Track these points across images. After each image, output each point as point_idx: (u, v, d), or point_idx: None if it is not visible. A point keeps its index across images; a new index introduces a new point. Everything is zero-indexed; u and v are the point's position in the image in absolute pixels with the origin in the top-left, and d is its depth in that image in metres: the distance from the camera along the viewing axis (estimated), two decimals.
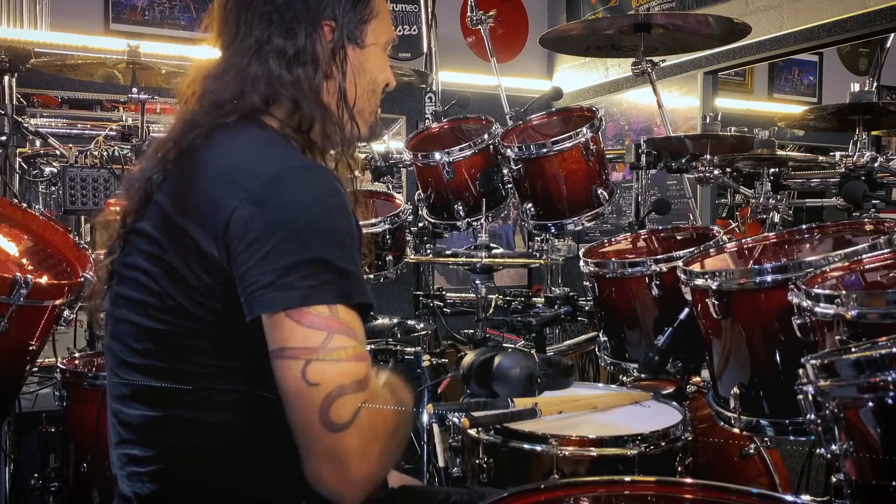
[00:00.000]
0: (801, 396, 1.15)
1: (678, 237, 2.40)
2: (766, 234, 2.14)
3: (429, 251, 2.90)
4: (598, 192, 2.53)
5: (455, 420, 1.85)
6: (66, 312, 2.13)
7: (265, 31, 1.26)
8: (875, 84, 2.25)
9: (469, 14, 3.58)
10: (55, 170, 3.30)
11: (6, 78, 3.04)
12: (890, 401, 1.02)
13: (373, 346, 2.80)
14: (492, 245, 2.55)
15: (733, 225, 2.88)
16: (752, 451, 2.07)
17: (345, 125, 1.30)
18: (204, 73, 1.30)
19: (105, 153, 2.96)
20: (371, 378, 1.11)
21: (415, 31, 5.18)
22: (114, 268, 1.29)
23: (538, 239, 2.97)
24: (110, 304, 1.31)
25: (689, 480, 1.36)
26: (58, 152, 3.15)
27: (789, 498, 1.23)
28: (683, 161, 2.68)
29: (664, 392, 2.04)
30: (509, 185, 2.70)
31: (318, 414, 1.05)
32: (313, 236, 1.10)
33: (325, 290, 1.08)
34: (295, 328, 1.07)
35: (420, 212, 2.93)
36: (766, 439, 2.08)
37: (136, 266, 1.22)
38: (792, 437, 1.59)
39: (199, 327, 1.17)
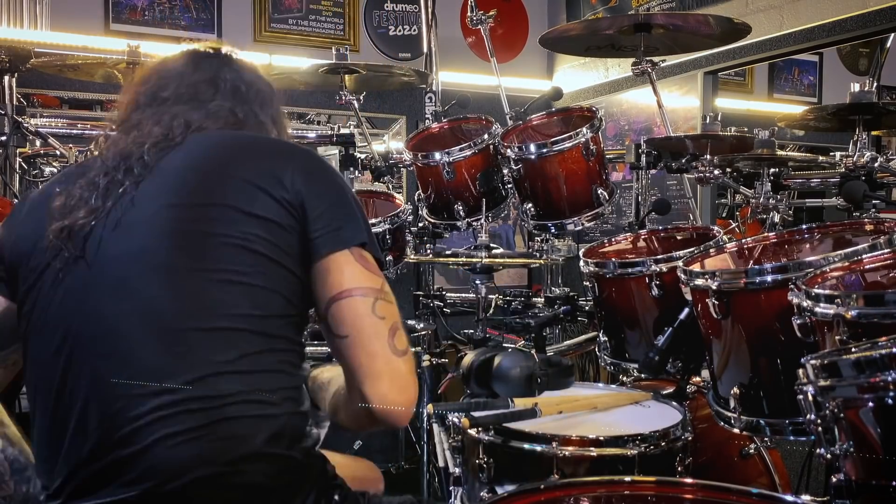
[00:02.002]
0: (801, 396, 1.15)
1: (678, 237, 2.40)
2: (766, 234, 2.14)
3: (429, 251, 2.89)
4: (598, 192, 2.53)
5: (455, 420, 1.85)
6: None
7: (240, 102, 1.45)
8: (875, 84, 2.25)
9: (469, 14, 3.58)
10: (55, 170, 3.31)
11: (6, 78, 3.03)
12: (890, 401, 1.02)
13: None
14: (492, 245, 2.55)
15: (733, 225, 2.89)
16: (752, 451, 2.06)
17: None
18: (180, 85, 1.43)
19: None
20: None
21: (415, 31, 5.19)
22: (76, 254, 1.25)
23: (538, 239, 2.97)
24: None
25: (689, 480, 1.37)
26: (58, 152, 3.15)
27: (789, 498, 1.23)
28: (683, 161, 2.68)
29: (664, 392, 2.04)
30: (509, 185, 2.70)
31: (387, 342, 1.25)
32: (352, 198, 1.33)
33: (372, 242, 1.31)
34: (361, 271, 1.27)
35: (420, 212, 2.93)
36: (766, 439, 2.08)
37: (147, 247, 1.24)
38: (792, 437, 1.59)
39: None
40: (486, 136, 2.69)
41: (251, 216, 1.23)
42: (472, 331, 2.71)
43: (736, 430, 1.67)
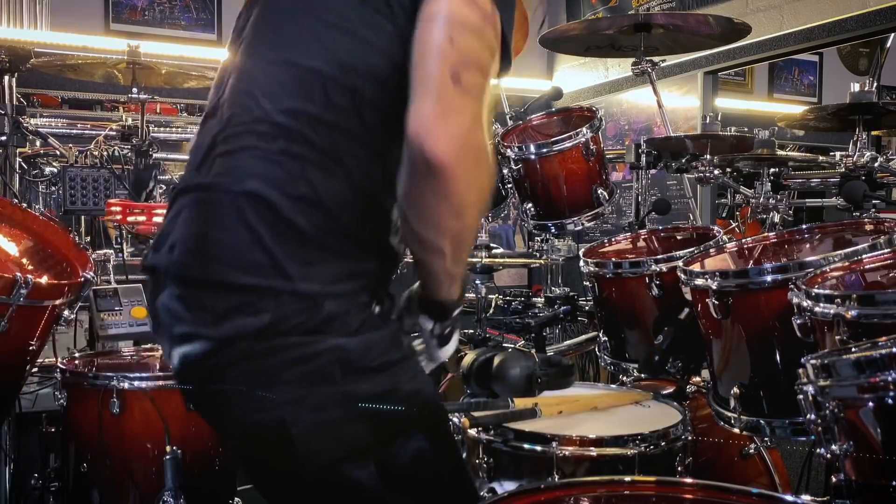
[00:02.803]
0: (801, 396, 1.15)
1: (678, 237, 2.40)
2: (766, 234, 2.14)
3: None
4: (598, 192, 2.53)
5: (455, 420, 1.85)
6: (66, 312, 2.13)
7: None
8: (875, 84, 2.25)
9: None
10: (55, 170, 3.31)
11: (6, 78, 3.03)
12: (890, 401, 1.02)
13: None
14: (492, 245, 2.56)
15: (733, 225, 2.89)
16: (752, 451, 2.06)
17: None
18: None
19: (105, 153, 2.96)
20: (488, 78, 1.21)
21: None
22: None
23: (538, 239, 2.97)
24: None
25: (689, 480, 1.36)
26: (58, 152, 3.16)
27: (789, 498, 1.23)
28: (683, 161, 2.68)
29: (664, 392, 2.04)
30: (509, 185, 2.70)
31: (449, 67, 1.12)
32: None
33: None
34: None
35: None
36: (766, 439, 2.08)
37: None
38: (792, 437, 1.59)
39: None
40: None
41: None
42: (472, 331, 2.71)
43: (736, 430, 1.67)
